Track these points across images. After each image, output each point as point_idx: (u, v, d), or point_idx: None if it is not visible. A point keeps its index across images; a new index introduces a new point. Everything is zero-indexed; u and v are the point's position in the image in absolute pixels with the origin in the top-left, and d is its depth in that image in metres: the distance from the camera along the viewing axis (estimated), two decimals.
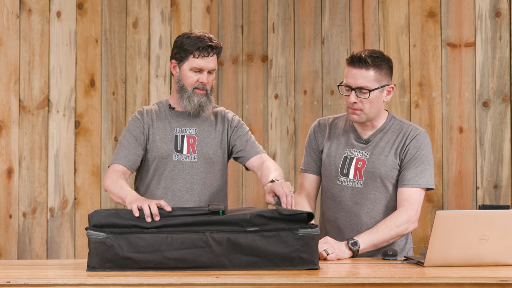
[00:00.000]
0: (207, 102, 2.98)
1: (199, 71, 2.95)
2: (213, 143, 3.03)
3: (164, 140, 2.99)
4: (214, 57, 2.96)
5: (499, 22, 3.68)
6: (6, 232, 3.99)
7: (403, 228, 2.82)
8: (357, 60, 2.85)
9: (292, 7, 4.23)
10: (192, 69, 2.95)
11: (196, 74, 2.95)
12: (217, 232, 2.32)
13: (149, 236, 2.32)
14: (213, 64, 2.96)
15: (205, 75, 2.95)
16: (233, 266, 2.32)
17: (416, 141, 2.90)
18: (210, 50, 2.93)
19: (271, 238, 2.33)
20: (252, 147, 3.06)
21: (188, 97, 2.97)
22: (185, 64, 2.97)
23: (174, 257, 2.31)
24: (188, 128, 3.02)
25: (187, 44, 2.95)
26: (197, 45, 2.93)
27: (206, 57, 2.93)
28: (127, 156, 2.96)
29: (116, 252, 2.31)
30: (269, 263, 2.33)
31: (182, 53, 2.96)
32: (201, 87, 2.96)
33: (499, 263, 2.47)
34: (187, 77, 2.97)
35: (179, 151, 2.98)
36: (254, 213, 2.35)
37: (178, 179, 2.97)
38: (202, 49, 2.92)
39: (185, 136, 3.00)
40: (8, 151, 4.00)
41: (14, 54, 4.02)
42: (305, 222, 2.36)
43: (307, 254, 2.33)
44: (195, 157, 2.99)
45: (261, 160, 3.02)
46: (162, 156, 2.98)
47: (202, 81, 2.95)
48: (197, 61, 2.94)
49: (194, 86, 2.96)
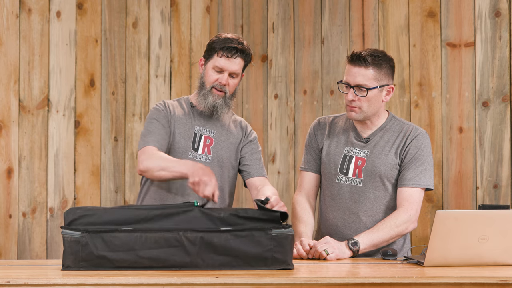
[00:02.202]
0: (223, 105, 2.96)
1: (221, 71, 2.93)
2: (228, 148, 3.02)
3: (183, 136, 2.97)
4: (239, 60, 2.94)
5: (499, 22, 3.68)
6: (6, 232, 3.99)
7: (403, 228, 2.82)
8: (357, 58, 2.85)
9: (292, 7, 4.23)
10: (214, 67, 2.94)
11: (216, 74, 2.94)
12: (190, 231, 2.32)
13: (123, 235, 2.32)
14: (236, 67, 2.93)
15: (225, 76, 2.93)
16: (206, 265, 2.32)
17: (416, 141, 2.90)
18: (235, 52, 2.91)
19: (244, 238, 2.33)
20: (259, 167, 3.06)
21: (204, 94, 2.95)
22: (209, 62, 2.96)
23: (148, 256, 2.31)
24: (207, 128, 3.00)
25: (215, 43, 2.95)
26: (223, 45, 2.92)
27: (229, 58, 2.92)
28: (159, 140, 2.92)
29: (91, 251, 2.31)
30: (243, 263, 2.33)
31: (210, 51, 2.96)
32: (219, 88, 2.94)
33: (499, 263, 2.47)
34: (208, 75, 2.95)
35: (195, 150, 2.97)
36: (228, 212, 2.36)
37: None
38: (226, 49, 2.91)
39: (203, 136, 2.99)
40: (8, 151, 4.00)
41: (14, 54, 4.02)
42: (278, 222, 2.35)
43: (280, 254, 2.33)
44: (209, 158, 2.98)
45: (263, 182, 3.02)
46: (178, 151, 2.95)
47: (221, 81, 2.93)
48: (219, 60, 2.93)
49: (212, 85, 2.94)
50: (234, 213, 2.35)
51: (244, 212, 2.36)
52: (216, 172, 2.96)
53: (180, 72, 4.34)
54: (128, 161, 4.21)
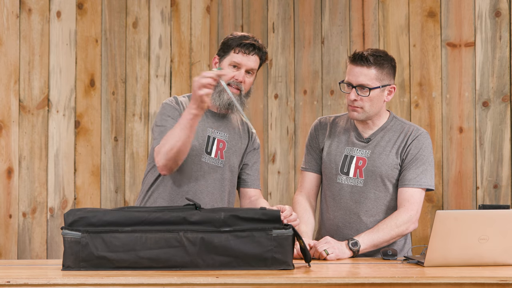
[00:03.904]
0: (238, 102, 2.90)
1: (237, 67, 2.90)
2: (238, 153, 3.00)
3: (196, 138, 2.90)
4: (256, 57, 2.92)
5: (499, 22, 3.68)
6: (6, 232, 3.98)
7: (403, 228, 2.82)
8: (359, 58, 2.85)
9: (292, 7, 4.23)
10: (231, 63, 2.90)
11: (233, 70, 2.90)
12: (191, 232, 2.32)
13: (123, 236, 2.32)
14: (253, 63, 2.91)
15: (242, 73, 2.89)
16: (206, 266, 2.32)
17: (417, 142, 2.90)
18: (252, 49, 2.90)
19: (244, 238, 2.33)
20: (257, 178, 3.05)
21: (220, 91, 2.90)
22: (226, 59, 2.92)
23: (148, 256, 2.31)
24: (220, 131, 2.96)
25: (231, 40, 2.93)
26: (240, 41, 2.90)
27: (247, 55, 2.89)
28: None
29: (91, 252, 2.31)
30: (243, 263, 2.33)
31: (225, 49, 2.93)
32: (235, 85, 2.90)
33: (499, 263, 2.47)
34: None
35: (208, 153, 2.93)
36: (228, 213, 2.36)
37: (201, 180, 2.91)
38: (243, 46, 2.89)
39: (216, 139, 2.95)
40: (8, 151, 4.00)
41: (14, 54, 4.02)
42: (279, 222, 2.35)
43: (281, 255, 2.33)
44: (222, 162, 2.94)
45: (258, 195, 3.02)
46: (191, 154, 2.87)
47: (238, 78, 2.89)
48: (236, 56, 2.90)
49: (228, 82, 2.88)
50: (234, 214, 2.35)
51: (245, 213, 2.36)
52: (226, 177, 2.95)
53: (180, 72, 4.34)
54: (128, 161, 4.21)
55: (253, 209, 2.40)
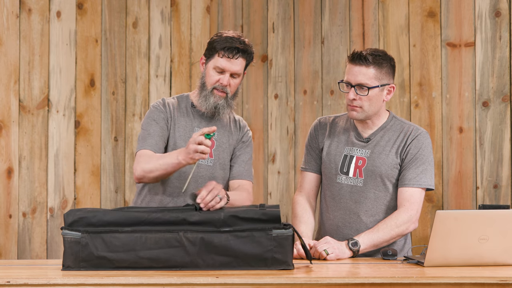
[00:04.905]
0: (225, 105, 2.90)
1: (222, 71, 2.88)
2: (227, 150, 2.99)
3: (184, 139, 2.92)
4: (240, 60, 2.88)
5: (499, 22, 3.68)
6: (6, 232, 3.99)
7: (403, 228, 2.82)
8: (358, 57, 2.85)
9: (292, 7, 4.23)
10: (215, 68, 2.88)
11: (218, 74, 2.88)
12: (191, 232, 2.32)
13: (123, 236, 2.32)
14: (238, 67, 2.87)
15: (226, 77, 2.87)
16: (206, 266, 2.32)
17: (417, 141, 2.90)
18: (236, 53, 2.85)
19: (244, 238, 2.33)
20: (243, 170, 3.01)
21: (206, 96, 2.90)
22: (210, 62, 2.90)
23: (148, 256, 2.31)
24: None
25: (216, 42, 2.88)
26: (224, 45, 2.86)
27: (230, 59, 2.86)
28: (158, 143, 2.87)
29: (91, 252, 2.31)
30: (243, 263, 2.33)
31: (210, 50, 2.90)
32: (221, 89, 2.88)
33: (499, 263, 2.47)
34: (209, 75, 2.89)
35: None
36: (228, 213, 2.36)
37: (191, 180, 2.90)
38: (227, 50, 2.85)
39: None
40: (8, 151, 4.00)
41: (14, 54, 4.02)
42: (278, 222, 2.35)
43: (281, 255, 2.33)
44: (211, 161, 2.94)
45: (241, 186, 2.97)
46: None
47: (222, 82, 2.87)
48: (220, 61, 2.87)
49: (213, 86, 2.88)
50: (234, 214, 2.35)
51: (244, 213, 2.36)
52: (218, 175, 2.95)
53: (180, 72, 4.34)
54: (128, 161, 4.21)
55: (253, 209, 2.40)
